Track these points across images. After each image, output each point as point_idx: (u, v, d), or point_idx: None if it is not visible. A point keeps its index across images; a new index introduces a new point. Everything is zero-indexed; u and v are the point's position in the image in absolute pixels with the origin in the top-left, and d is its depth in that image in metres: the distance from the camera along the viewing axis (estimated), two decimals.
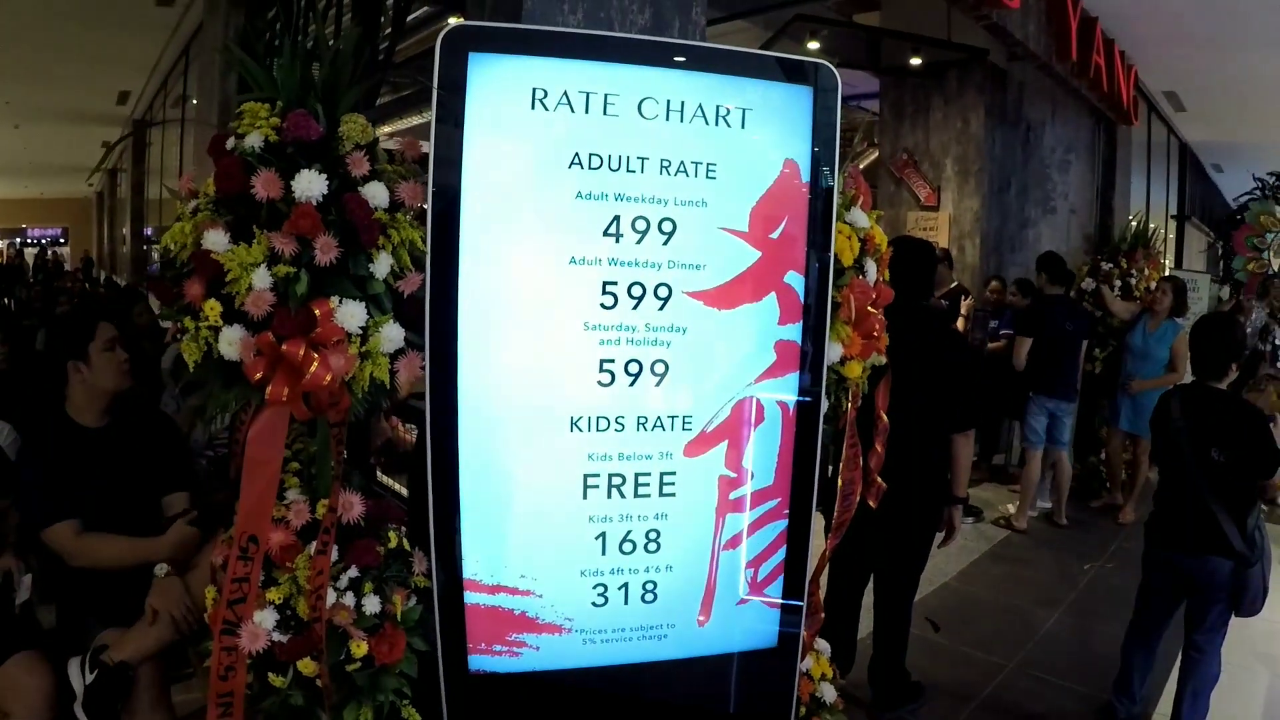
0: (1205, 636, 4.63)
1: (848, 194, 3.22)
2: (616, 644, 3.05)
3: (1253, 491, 4.54)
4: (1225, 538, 4.41)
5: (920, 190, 10.51)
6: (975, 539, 7.98)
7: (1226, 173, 20.34)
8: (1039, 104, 10.87)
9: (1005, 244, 10.71)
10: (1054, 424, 8.29)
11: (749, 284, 2.90)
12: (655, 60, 2.81)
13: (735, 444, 3.00)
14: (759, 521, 3.08)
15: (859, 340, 3.17)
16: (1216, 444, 4.49)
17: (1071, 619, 6.43)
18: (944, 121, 10.45)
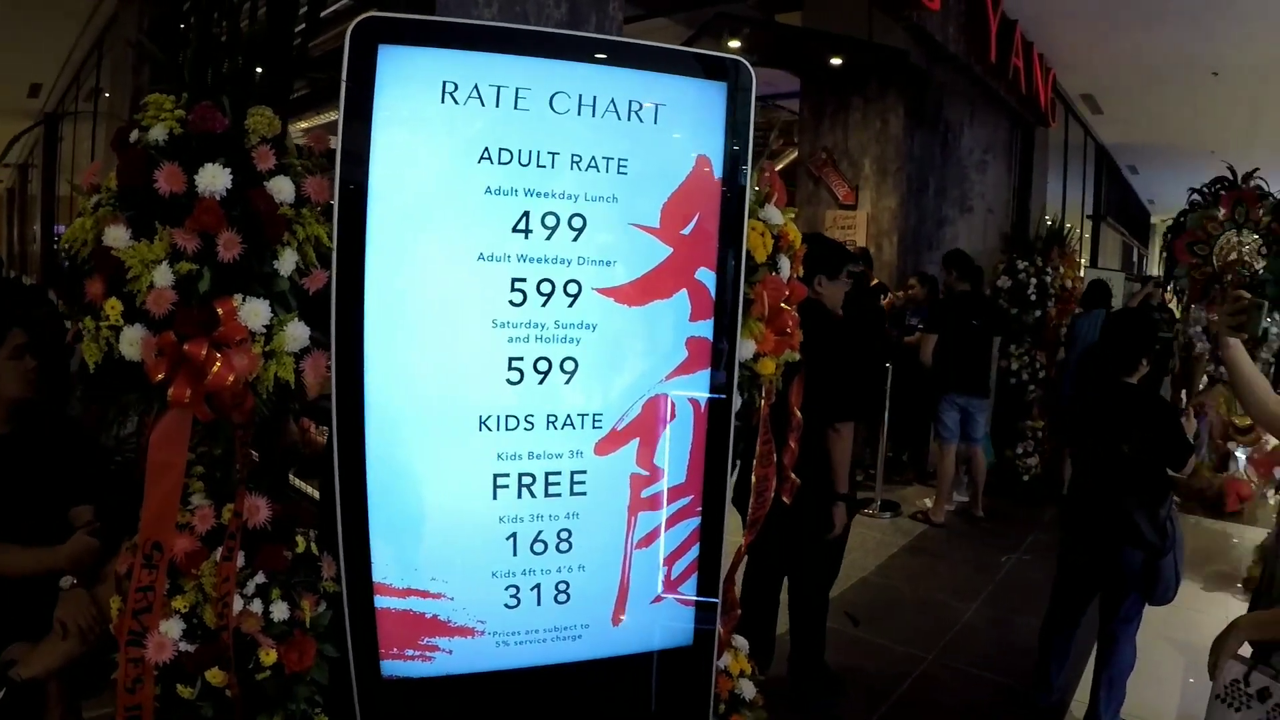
0: (1120, 626, 4.70)
1: (762, 191, 3.20)
2: (530, 645, 3.00)
3: (1165, 483, 4.59)
4: (1137, 529, 4.46)
5: (839, 189, 10.56)
6: (893, 533, 8.07)
7: (1142, 174, 20.85)
8: (958, 105, 10.99)
9: (923, 242, 10.81)
10: (967, 420, 8.40)
11: (660, 280, 2.86)
12: (568, 54, 2.76)
13: (646, 442, 2.96)
14: (672, 519, 3.05)
15: (772, 337, 3.15)
16: (1128, 437, 4.54)
17: (989, 610, 6.49)
18: (863, 121, 10.51)
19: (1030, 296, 9.71)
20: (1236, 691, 2.99)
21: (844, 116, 10.68)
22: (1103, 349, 4.92)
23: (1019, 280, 9.73)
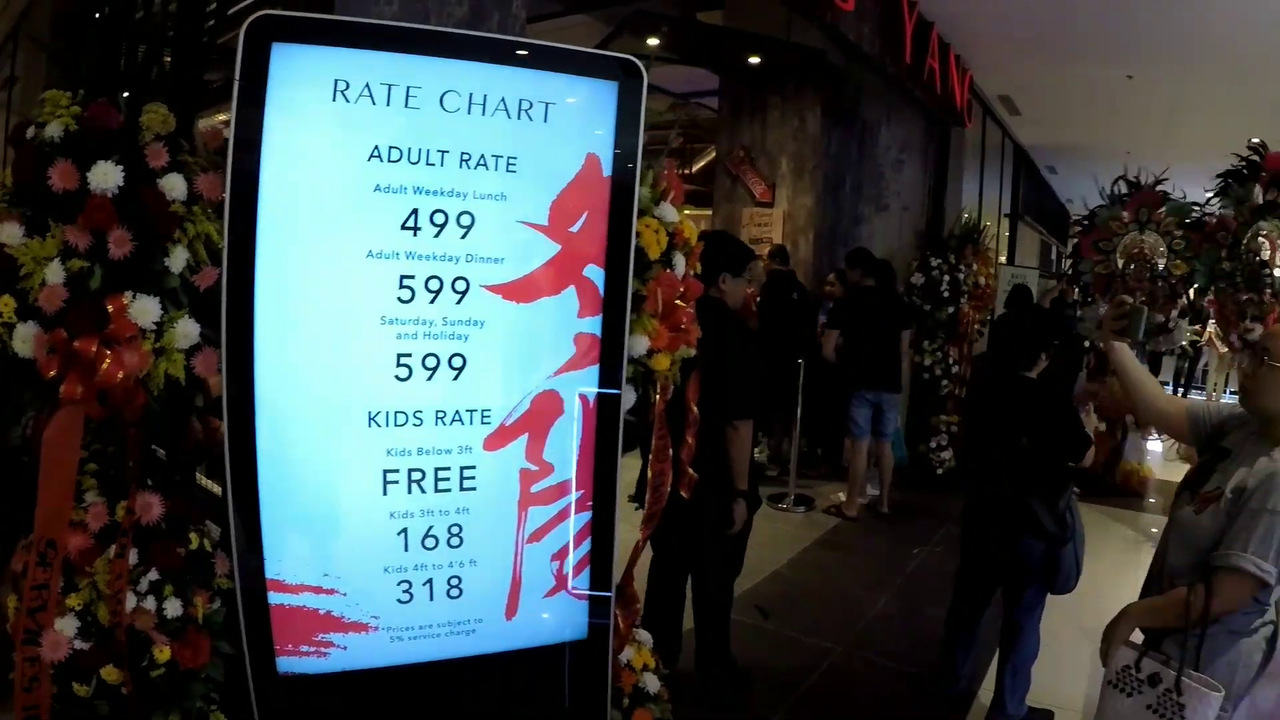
0: (1023, 615, 4.81)
1: (658, 189, 3.24)
2: (425, 640, 3.02)
3: (1064, 474, 4.69)
4: (1037, 520, 4.56)
5: (756, 187, 10.62)
6: (805, 527, 8.19)
7: (1060, 174, 21.10)
8: (876, 104, 11.08)
9: (839, 240, 10.88)
10: (878, 416, 8.51)
11: (548, 277, 2.89)
12: (459, 53, 2.78)
13: (535, 437, 2.98)
14: (562, 514, 3.07)
15: (666, 333, 3.18)
16: (1026, 431, 4.65)
17: (899, 602, 6.62)
18: (781, 120, 10.57)
19: (943, 293, 9.87)
20: (1128, 677, 3.08)
21: (762, 115, 10.74)
22: (1002, 344, 5.00)
23: (932, 277, 9.88)
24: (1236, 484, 2.99)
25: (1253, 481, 2.93)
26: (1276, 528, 2.83)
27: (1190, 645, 2.94)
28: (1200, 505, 3.09)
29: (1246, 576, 2.85)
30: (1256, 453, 3.03)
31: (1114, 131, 15.29)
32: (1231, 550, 2.88)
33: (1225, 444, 3.24)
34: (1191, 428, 3.43)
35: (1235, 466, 3.07)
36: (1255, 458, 3.01)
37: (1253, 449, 3.06)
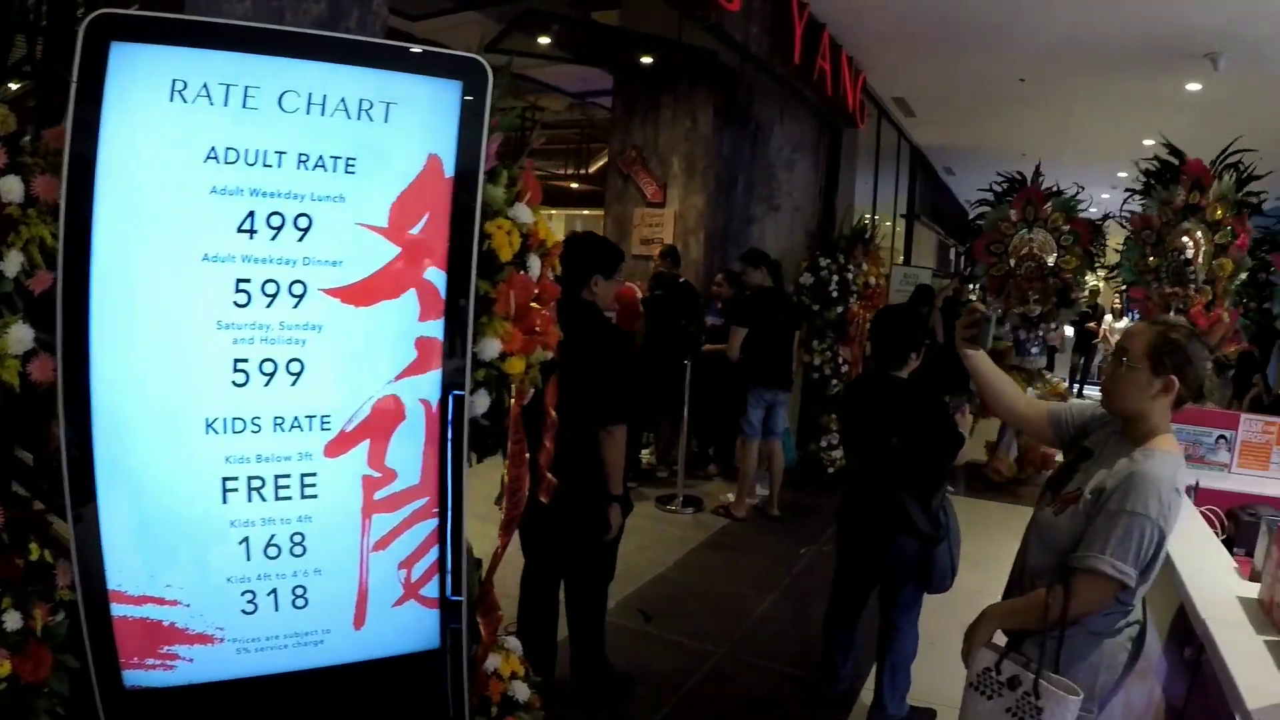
0: (899, 614, 4.83)
1: (513, 190, 3.20)
2: (272, 652, 2.94)
3: (938, 473, 4.73)
4: (910, 519, 4.58)
5: (647, 187, 10.59)
6: (693, 529, 8.15)
7: (958, 176, 21.44)
8: (768, 104, 11.11)
9: (730, 240, 10.90)
10: (770, 414, 8.50)
11: (387, 280, 2.82)
12: (299, 52, 2.71)
13: (377, 443, 2.92)
14: (408, 521, 3.01)
15: (519, 336, 3.14)
16: (896, 430, 4.67)
17: (786, 603, 6.62)
18: (673, 119, 10.55)
19: (832, 293, 9.91)
20: (988, 680, 3.09)
21: (655, 115, 10.70)
22: (872, 344, 5.02)
23: (820, 277, 9.92)
24: (1096, 484, 3.00)
25: (1112, 482, 2.94)
26: (1135, 529, 2.82)
27: (1049, 647, 2.94)
28: (1060, 506, 3.10)
29: (1105, 578, 2.86)
30: (1118, 453, 3.05)
31: (1010, 133, 15.52)
32: (1090, 552, 2.88)
33: (1088, 444, 3.26)
34: (1054, 430, 3.46)
35: (1097, 467, 3.08)
36: (1116, 458, 3.02)
37: (1114, 449, 3.09)
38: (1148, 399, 3.00)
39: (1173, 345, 2.97)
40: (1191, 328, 3.16)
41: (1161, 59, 10.24)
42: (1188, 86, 11.22)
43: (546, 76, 13.71)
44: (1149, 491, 2.84)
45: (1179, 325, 3.07)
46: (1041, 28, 9.64)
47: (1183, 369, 2.96)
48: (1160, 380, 2.97)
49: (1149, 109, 12.51)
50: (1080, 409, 3.45)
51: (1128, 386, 3.03)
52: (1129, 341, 3.06)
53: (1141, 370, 2.98)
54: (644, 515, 8.24)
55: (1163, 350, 2.97)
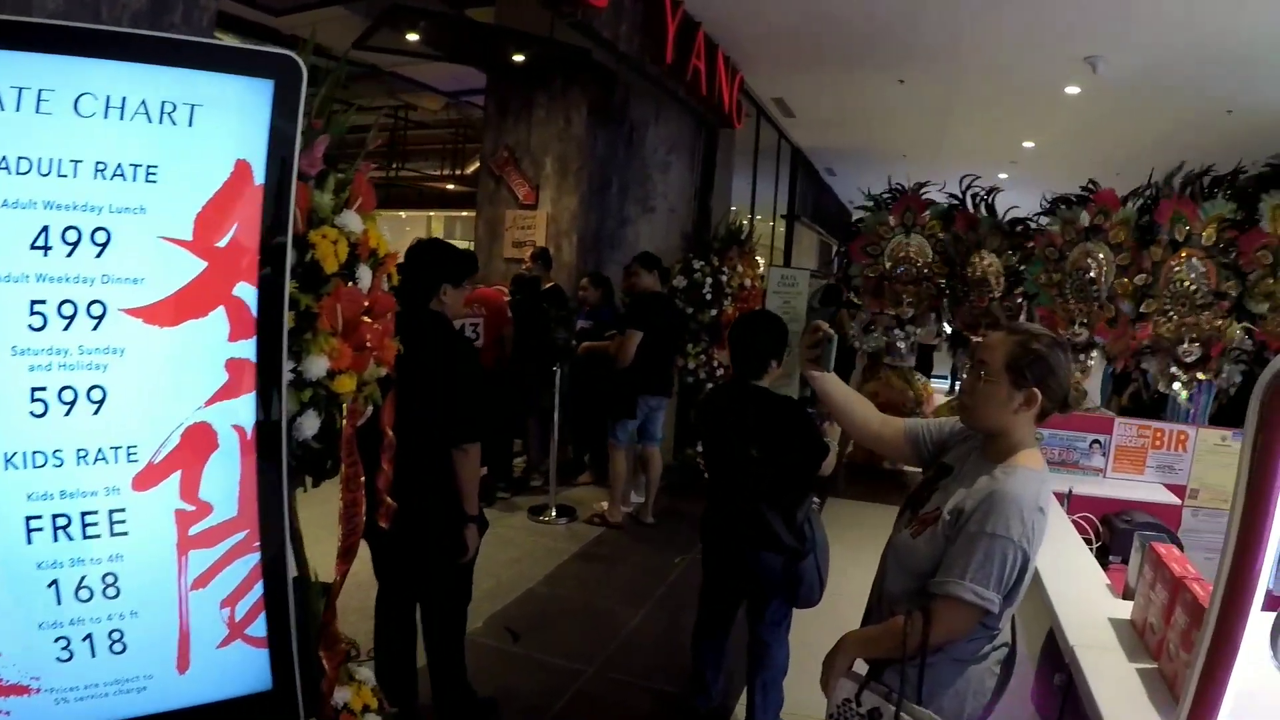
0: (768, 630, 4.70)
1: (343, 195, 2.98)
2: (93, 701, 2.68)
3: (802, 485, 4.59)
4: (774, 533, 4.46)
5: (519, 189, 10.38)
6: (566, 539, 7.96)
7: (839, 176, 21.61)
8: (644, 104, 11.02)
9: (604, 242, 10.78)
10: (649, 420, 8.38)
11: (194, 298, 2.57)
12: (96, 51, 2.46)
13: (190, 474, 2.67)
14: (227, 557, 2.77)
15: (349, 352, 2.93)
16: (757, 441, 4.52)
17: (659, 616, 6.48)
18: (546, 119, 10.36)
19: (706, 296, 9.83)
20: (848, 711, 2.95)
21: (528, 115, 10.50)
22: (731, 351, 4.87)
23: (694, 280, 9.83)
24: (955, 505, 2.84)
25: (971, 502, 2.78)
26: (996, 552, 2.67)
27: (911, 676, 2.79)
28: (918, 527, 2.95)
29: (966, 605, 2.71)
30: (978, 470, 2.90)
31: (890, 135, 15.63)
32: (949, 577, 2.72)
33: (947, 460, 3.13)
34: (913, 448, 3.33)
35: (956, 485, 2.94)
36: (977, 475, 2.87)
37: (975, 466, 2.95)
38: (1009, 413, 2.86)
39: (1034, 356, 2.83)
40: (1053, 335, 2.98)
41: (1041, 62, 10.41)
42: (1067, 89, 11.42)
43: (421, 75, 13.50)
44: (1010, 512, 2.69)
45: (1039, 334, 2.91)
46: (921, 31, 9.70)
47: (1045, 380, 2.83)
48: (1022, 393, 2.83)
49: (1029, 111, 12.84)
50: (939, 425, 3.32)
51: (988, 401, 2.88)
52: (987, 354, 2.90)
53: (1001, 384, 2.84)
54: (516, 526, 8.10)
55: (1023, 362, 2.83)
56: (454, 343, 4.36)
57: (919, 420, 3.41)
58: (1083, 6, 8.56)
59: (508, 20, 9.93)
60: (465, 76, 12.32)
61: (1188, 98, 11.33)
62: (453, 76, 13.02)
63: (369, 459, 3.27)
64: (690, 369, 9.85)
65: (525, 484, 9.35)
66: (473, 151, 17.49)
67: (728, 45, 10.54)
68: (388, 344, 3.15)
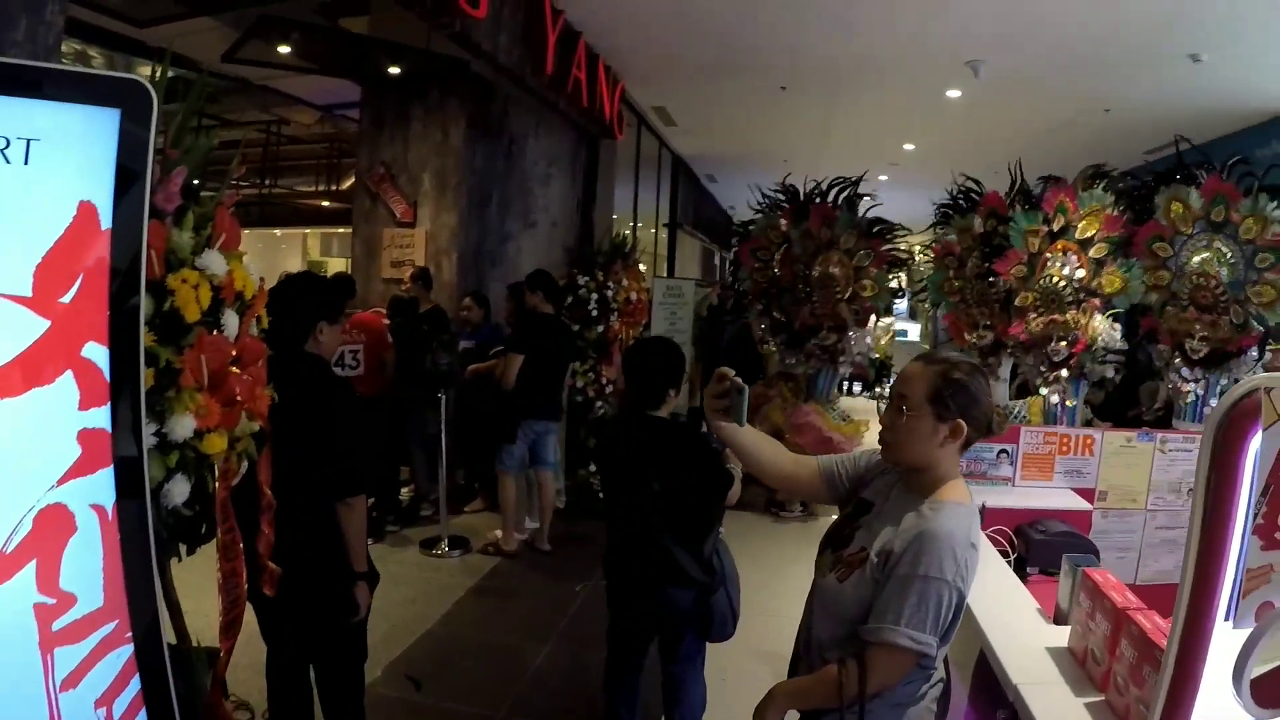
0: (682, 667, 4.51)
1: (204, 233, 2.67)
2: None
3: (708, 517, 4.38)
4: (681, 569, 4.25)
5: (397, 206, 10.02)
6: (461, 573, 7.62)
7: (721, 183, 21.58)
8: (524, 116, 10.78)
9: (485, 259, 10.49)
10: (539, 444, 8.11)
11: (38, 362, 2.20)
12: None
13: (47, 563, 2.29)
14: (97, 652, 2.41)
15: (217, 408, 2.62)
16: (659, 475, 4.29)
17: (565, 650, 6.23)
18: (423, 133, 10.03)
19: (591, 312, 9.62)
20: None
21: (404, 129, 10.15)
22: (627, 381, 4.63)
23: (579, 296, 9.60)
24: (883, 545, 2.68)
25: (900, 543, 2.62)
26: (931, 594, 2.53)
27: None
28: (844, 571, 2.77)
29: (902, 651, 2.56)
30: (903, 506, 2.75)
31: (772, 140, 15.62)
32: (883, 624, 2.57)
33: (866, 495, 2.97)
34: (828, 487, 3.14)
35: (880, 524, 2.77)
36: (902, 513, 2.72)
37: (899, 502, 2.79)
38: (935, 447, 2.71)
39: (955, 385, 2.69)
40: (973, 362, 2.84)
41: (924, 67, 10.43)
42: (948, 93, 11.49)
43: (293, 88, 13.07)
44: (942, 551, 2.55)
45: (958, 362, 2.77)
46: (804, 38, 9.64)
47: (969, 410, 2.69)
48: (947, 425, 2.69)
49: (911, 115, 12.98)
50: (854, 460, 3.15)
51: (911, 436, 2.73)
52: (906, 387, 2.75)
53: (925, 417, 2.69)
54: (408, 562, 7.77)
55: (946, 393, 2.69)
56: (333, 389, 4.00)
57: (833, 457, 3.23)
58: (967, 12, 8.56)
59: (383, 31, 9.51)
60: (339, 90, 11.95)
61: (1067, 98, 11.48)
62: (326, 90, 12.65)
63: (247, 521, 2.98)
64: (579, 388, 9.60)
65: (415, 514, 9.00)
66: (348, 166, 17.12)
67: (609, 55, 10.36)
68: (260, 395, 2.86)
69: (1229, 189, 7.04)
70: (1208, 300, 7.24)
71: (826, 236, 9.75)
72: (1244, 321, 7.11)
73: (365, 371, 8.00)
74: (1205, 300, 7.25)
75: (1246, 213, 6.96)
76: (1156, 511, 5.48)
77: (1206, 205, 7.15)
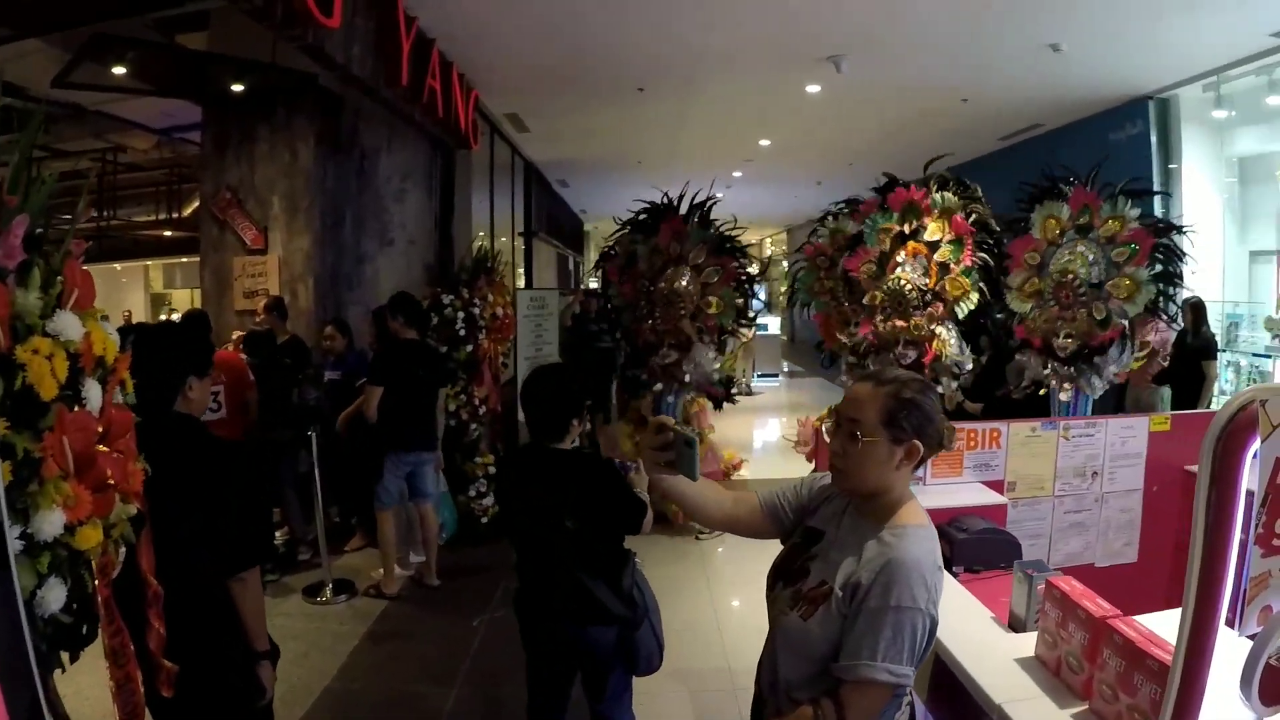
0: (610, 706, 4.32)
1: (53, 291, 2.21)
2: None
3: (621, 550, 4.18)
4: (603, 606, 4.03)
5: (246, 232, 9.50)
6: (351, 619, 7.18)
7: (573, 187, 21.73)
8: (375, 130, 10.40)
9: (342, 283, 10.07)
10: (416, 475, 7.75)
11: None
12: None
13: None
14: None
15: (88, 496, 2.19)
16: (571, 511, 4.03)
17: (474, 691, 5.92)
18: (271, 153, 9.54)
19: (459, 332, 9.26)
20: None
21: (250, 149, 9.64)
22: (526, 413, 4.26)
23: (445, 316, 9.21)
24: (847, 578, 2.55)
25: (866, 575, 2.51)
26: (905, 625, 2.44)
27: None
28: (808, 609, 2.61)
29: (881, 686, 2.46)
30: (859, 534, 2.63)
31: (626, 142, 15.60)
32: (858, 660, 2.46)
33: (814, 523, 2.83)
34: (773, 522, 3.00)
35: (838, 554, 2.64)
36: (860, 541, 2.61)
37: (854, 529, 2.67)
38: (890, 471, 2.62)
39: (908, 405, 2.60)
40: (919, 377, 2.72)
41: (784, 64, 10.42)
42: (808, 88, 11.49)
43: (129, 112, 12.57)
44: (912, 579, 2.47)
45: (907, 379, 2.65)
46: (662, 39, 9.51)
47: (924, 429, 2.61)
48: (902, 448, 2.60)
49: (768, 111, 13.02)
50: (795, 490, 3.00)
51: (867, 462, 2.61)
52: (857, 411, 2.62)
53: (880, 441, 2.59)
54: (294, 613, 7.30)
55: (899, 414, 2.59)
56: (212, 453, 3.55)
57: (772, 490, 3.07)
58: (832, 6, 8.52)
59: (223, 46, 9.01)
60: (178, 111, 11.51)
61: (927, 90, 11.60)
62: (164, 112, 12.14)
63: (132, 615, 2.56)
64: (452, 411, 9.19)
65: (293, 559, 8.49)
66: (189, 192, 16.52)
67: (462, 63, 10.02)
68: (133, 471, 2.44)
69: (1091, 197, 7.79)
70: (1069, 298, 7.83)
71: (676, 251, 9.68)
72: (1105, 316, 7.66)
73: (228, 414, 7.48)
74: (1067, 298, 7.84)
75: (1107, 215, 7.70)
76: (1064, 496, 5.65)
77: (1075, 214, 7.86)
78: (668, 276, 9.61)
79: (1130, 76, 10.92)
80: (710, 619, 7.05)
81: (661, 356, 9.73)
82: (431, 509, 7.97)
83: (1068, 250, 7.87)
